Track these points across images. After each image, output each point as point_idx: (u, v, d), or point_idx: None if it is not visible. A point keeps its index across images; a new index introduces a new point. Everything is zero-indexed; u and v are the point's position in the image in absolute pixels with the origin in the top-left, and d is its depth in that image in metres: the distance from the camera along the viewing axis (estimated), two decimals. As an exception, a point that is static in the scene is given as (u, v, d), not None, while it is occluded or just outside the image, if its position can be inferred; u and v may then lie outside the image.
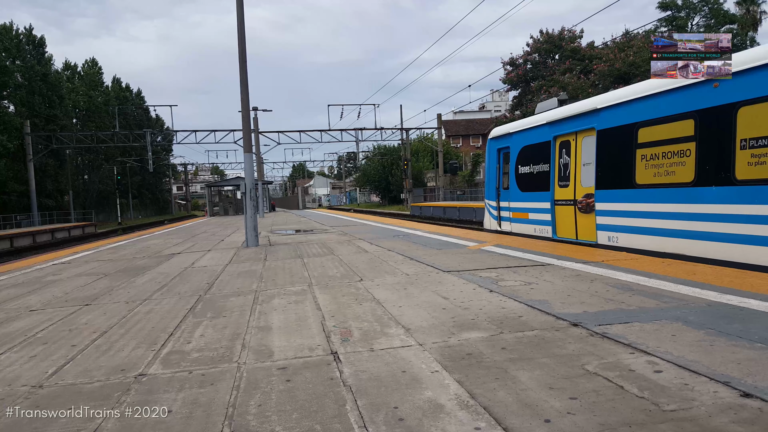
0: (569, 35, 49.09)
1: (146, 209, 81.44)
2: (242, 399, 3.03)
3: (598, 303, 4.82)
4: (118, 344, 4.33)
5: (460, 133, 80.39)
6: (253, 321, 4.88)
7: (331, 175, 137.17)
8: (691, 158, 8.09)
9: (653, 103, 8.91)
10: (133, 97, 75.99)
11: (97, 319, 5.29)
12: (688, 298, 4.85)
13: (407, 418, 2.66)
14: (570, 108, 11.71)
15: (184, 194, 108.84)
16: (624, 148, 9.48)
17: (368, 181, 79.25)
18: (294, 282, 6.95)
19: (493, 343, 3.79)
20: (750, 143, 7.10)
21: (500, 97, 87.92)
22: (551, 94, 35.62)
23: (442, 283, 6.24)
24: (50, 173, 53.02)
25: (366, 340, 4.05)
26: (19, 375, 3.67)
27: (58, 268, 10.11)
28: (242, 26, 12.42)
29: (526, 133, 13.31)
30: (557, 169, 11.77)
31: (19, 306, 6.27)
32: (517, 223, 13.70)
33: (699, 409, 2.59)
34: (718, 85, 7.60)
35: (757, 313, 4.20)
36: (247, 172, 12.62)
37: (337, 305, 5.35)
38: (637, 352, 3.43)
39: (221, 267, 8.90)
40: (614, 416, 2.56)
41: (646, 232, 8.98)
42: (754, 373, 2.97)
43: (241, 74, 12.58)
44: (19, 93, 49.29)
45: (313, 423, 2.67)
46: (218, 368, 3.59)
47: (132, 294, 6.69)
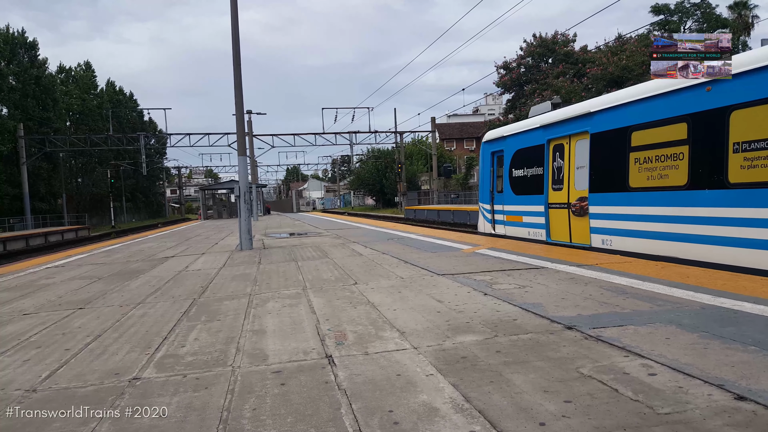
0: (562, 39, 49.30)
1: (140, 212, 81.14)
2: (237, 403, 3.02)
3: (592, 306, 4.84)
4: (112, 348, 4.30)
5: (453, 136, 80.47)
6: (248, 324, 4.87)
7: (326, 178, 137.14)
8: (684, 161, 8.13)
9: (646, 107, 8.95)
10: (126, 100, 75.75)
11: (90, 323, 5.27)
12: (682, 301, 4.86)
13: (402, 422, 2.66)
14: (564, 111, 11.75)
15: (177, 197, 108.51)
16: (617, 152, 9.52)
17: (362, 184, 79.22)
18: (288, 285, 6.94)
19: (488, 347, 3.79)
20: (743, 146, 7.14)
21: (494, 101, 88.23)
22: (544, 97, 35.73)
23: (437, 286, 6.24)
24: (43, 176, 52.78)
25: (361, 344, 4.05)
26: (12, 379, 3.64)
27: (52, 271, 10.06)
28: (236, 29, 12.41)
29: (520, 137, 13.34)
30: (551, 173, 11.81)
31: (13, 310, 6.22)
32: (511, 226, 13.73)
33: (693, 412, 2.60)
34: (711, 88, 7.64)
35: (750, 316, 4.21)
36: (241, 175, 12.60)
37: (332, 308, 5.35)
38: (631, 355, 3.44)
39: (215, 270, 8.88)
40: (609, 419, 2.56)
41: (640, 236, 9.01)
42: (748, 376, 2.98)
43: (236, 77, 12.57)
44: (13, 96, 49.08)
45: (307, 427, 2.67)
46: (213, 372, 3.58)
47: (126, 297, 6.65)
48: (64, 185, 56.52)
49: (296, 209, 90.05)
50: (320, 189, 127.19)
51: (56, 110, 54.94)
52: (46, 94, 52.67)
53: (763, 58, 7.04)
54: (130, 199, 75.85)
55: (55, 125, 54.00)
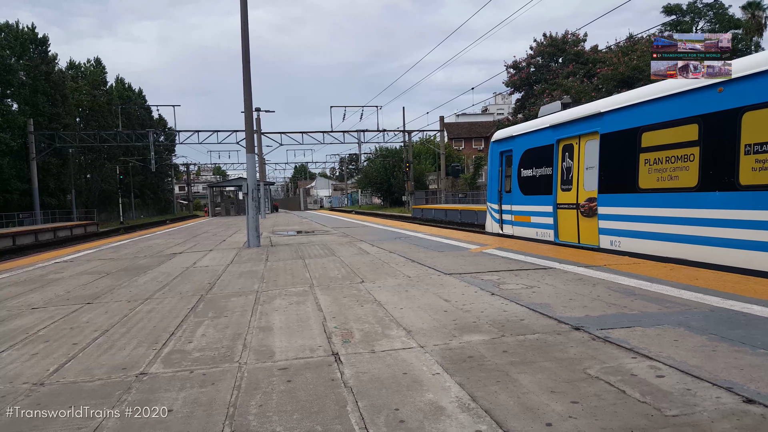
0: (572, 39, 49.08)
1: (148, 209, 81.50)
2: (243, 399, 3.03)
3: (600, 307, 4.81)
4: (120, 343, 4.33)
5: (462, 135, 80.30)
6: (255, 321, 4.88)
7: (333, 176, 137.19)
8: (694, 163, 8.07)
9: (657, 108, 8.90)
10: (135, 97, 76.09)
11: (98, 318, 5.30)
12: (691, 303, 4.83)
13: (408, 420, 2.66)
14: (573, 111, 11.69)
15: (186, 194, 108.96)
16: (627, 153, 9.46)
17: (370, 182, 79.18)
18: (295, 283, 6.95)
19: (495, 346, 3.78)
20: (754, 148, 7.09)
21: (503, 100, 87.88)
22: (554, 97, 35.59)
23: (444, 285, 6.23)
24: (53, 172, 53.06)
25: (367, 342, 4.05)
26: (20, 372, 3.67)
27: (60, 266, 10.12)
28: (245, 26, 12.43)
29: (529, 137, 13.29)
30: (560, 173, 11.76)
31: (21, 304, 6.27)
32: (519, 226, 13.68)
33: (701, 414, 2.58)
34: (723, 89, 7.58)
35: (759, 319, 4.18)
36: (249, 172, 12.62)
37: (339, 306, 5.35)
38: (639, 357, 3.42)
39: (223, 267, 8.90)
40: (616, 421, 2.55)
41: (649, 237, 8.95)
42: (757, 379, 2.95)
43: (245, 75, 12.59)
44: (23, 91, 49.37)
45: (314, 424, 2.67)
46: (219, 368, 3.59)
47: (133, 293, 6.69)
48: (74, 181, 56.84)
49: (304, 207, 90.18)
50: (328, 187, 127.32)
51: (66, 106, 55.19)
52: (56, 90, 52.90)
53: None
54: (139, 195, 76.17)
55: (65, 121, 54.23)
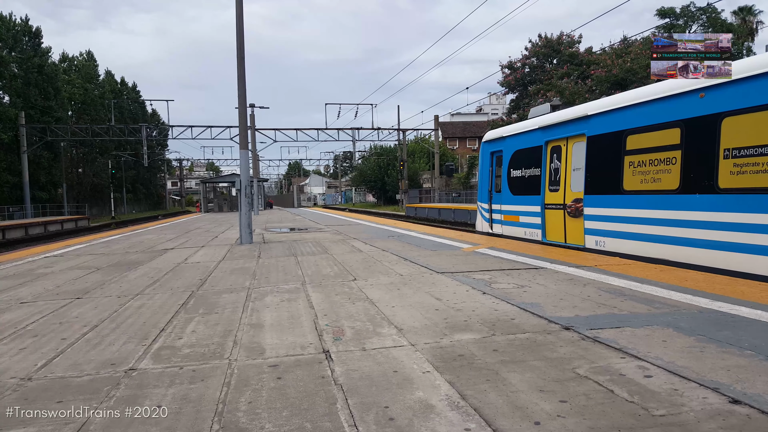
0: (567, 40, 49.19)
1: (140, 204, 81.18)
2: (233, 396, 3.03)
3: (590, 307, 4.84)
4: (109, 338, 4.31)
5: (456, 135, 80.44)
6: (246, 318, 4.87)
7: (327, 174, 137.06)
8: (676, 166, 8.22)
9: (641, 111, 9.04)
10: (128, 91, 75.71)
11: (88, 313, 5.27)
12: (680, 304, 4.87)
13: (397, 418, 2.66)
14: (562, 114, 11.79)
15: (178, 190, 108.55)
16: (613, 155, 9.59)
17: (364, 180, 79.18)
18: (287, 280, 6.94)
19: (485, 345, 3.80)
20: (733, 153, 7.25)
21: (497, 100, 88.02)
22: (548, 98, 35.67)
23: (436, 284, 6.25)
24: (44, 165, 52.76)
25: (358, 340, 4.05)
26: (8, 367, 3.65)
27: (50, 260, 10.06)
28: (240, 20, 12.38)
29: (519, 137, 13.37)
30: (548, 174, 11.85)
31: (10, 298, 6.23)
32: (508, 225, 13.75)
33: (688, 414, 2.60)
34: (705, 95, 7.73)
35: (747, 321, 4.22)
36: (243, 168, 12.59)
37: (330, 304, 5.35)
38: (627, 357, 3.44)
39: (214, 263, 8.88)
40: (604, 420, 2.57)
41: (633, 238, 9.09)
42: (744, 380, 2.98)
43: (239, 70, 12.55)
44: (15, 84, 49.04)
45: (303, 421, 2.67)
46: (209, 364, 3.58)
47: (124, 288, 6.66)
48: (65, 175, 56.51)
49: (297, 204, 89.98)
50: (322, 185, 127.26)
51: (58, 99, 54.88)
52: (49, 83, 52.59)
53: (754, 67, 7.14)
54: (131, 190, 75.85)
55: (57, 114, 53.92)
